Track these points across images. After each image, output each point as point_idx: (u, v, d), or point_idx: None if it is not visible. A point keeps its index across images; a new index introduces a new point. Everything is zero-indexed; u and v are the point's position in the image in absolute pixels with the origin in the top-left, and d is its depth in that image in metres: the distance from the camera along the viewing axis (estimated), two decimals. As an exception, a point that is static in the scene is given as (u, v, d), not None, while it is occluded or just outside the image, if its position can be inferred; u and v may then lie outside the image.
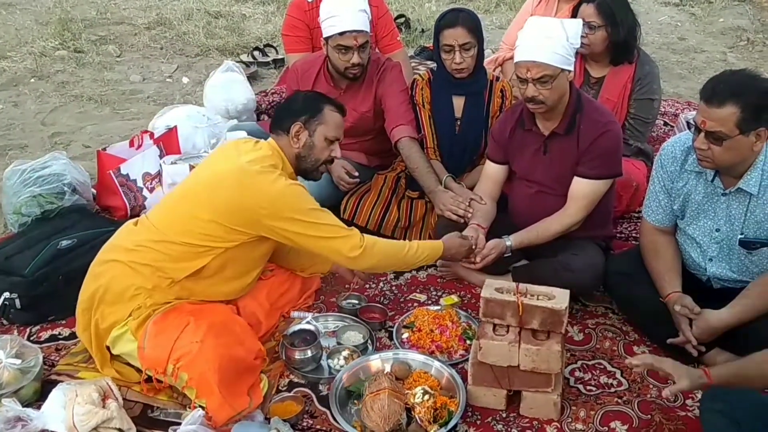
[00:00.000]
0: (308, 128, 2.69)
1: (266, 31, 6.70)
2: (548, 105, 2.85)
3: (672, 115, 4.87)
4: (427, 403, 2.42)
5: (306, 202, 2.60)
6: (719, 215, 2.61)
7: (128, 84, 5.62)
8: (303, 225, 2.56)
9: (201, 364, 2.40)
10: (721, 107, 2.34)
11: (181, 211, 2.62)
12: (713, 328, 2.54)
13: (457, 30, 3.25)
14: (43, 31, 6.59)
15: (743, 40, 6.55)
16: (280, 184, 2.54)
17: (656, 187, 2.76)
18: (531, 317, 2.42)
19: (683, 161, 2.66)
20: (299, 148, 2.69)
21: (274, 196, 2.53)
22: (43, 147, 4.52)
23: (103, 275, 2.59)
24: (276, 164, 2.63)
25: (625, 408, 2.55)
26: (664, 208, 2.75)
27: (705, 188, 2.62)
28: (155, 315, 2.52)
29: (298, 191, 2.59)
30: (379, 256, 2.68)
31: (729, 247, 2.63)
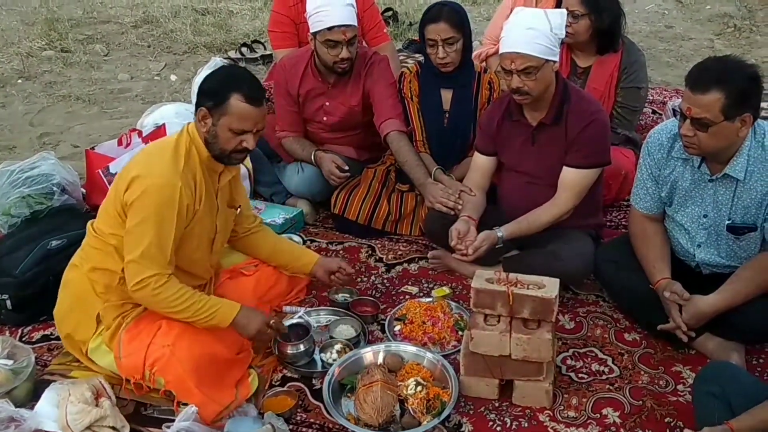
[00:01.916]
0: (212, 116, 2.46)
1: (254, 27, 6.69)
2: (533, 96, 2.85)
3: (660, 103, 4.88)
4: (419, 394, 2.43)
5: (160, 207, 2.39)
6: (706, 201, 2.62)
7: (116, 83, 5.61)
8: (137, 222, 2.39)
9: (175, 366, 2.39)
10: (706, 94, 2.35)
11: (105, 204, 2.57)
12: (703, 314, 2.56)
13: (440, 25, 3.25)
14: (29, 31, 6.57)
15: (730, 27, 6.57)
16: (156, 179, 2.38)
17: (644, 175, 2.77)
18: (521, 307, 2.43)
19: (670, 148, 2.67)
20: (206, 133, 2.49)
21: (144, 188, 2.37)
22: (31, 147, 4.51)
23: (68, 283, 2.62)
24: (178, 147, 2.48)
25: (617, 395, 2.56)
26: (652, 195, 2.76)
27: (692, 175, 2.63)
28: (127, 324, 2.51)
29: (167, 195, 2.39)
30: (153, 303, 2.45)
31: (717, 233, 2.64)
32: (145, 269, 2.40)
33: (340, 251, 3.48)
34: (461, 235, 2.93)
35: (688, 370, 2.66)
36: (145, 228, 2.39)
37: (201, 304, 2.47)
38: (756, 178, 2.50)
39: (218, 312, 2.49)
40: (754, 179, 2.50)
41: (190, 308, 2.45)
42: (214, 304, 2.50)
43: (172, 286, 2.44)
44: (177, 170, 2.44)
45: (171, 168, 2.44)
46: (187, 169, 2.48)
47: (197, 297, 2.48)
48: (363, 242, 3.54)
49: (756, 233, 2.59)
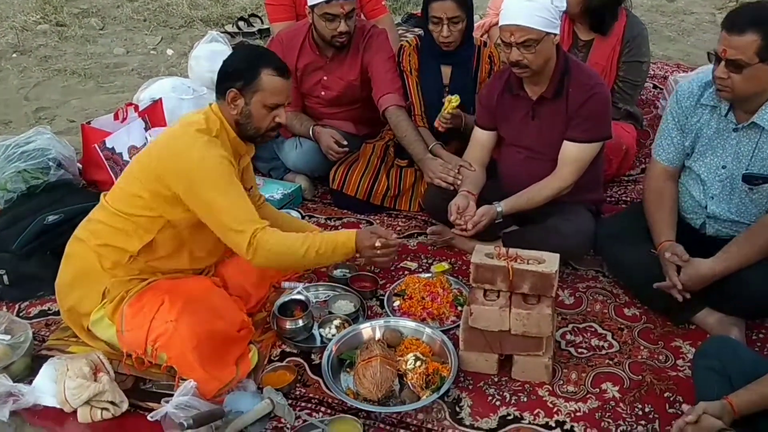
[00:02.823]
0: (244, 95, 2.48)
1: (251, 1, 6.62)
2: (533, 69, 2.82)
3: (661, 78, 4.83)
4: (419, 369, 2.43)
5: (221, 177, 2.41)
6: (727, 151, 2.62)
7: (112, 57, 5.56)
8: (209, 201, 2.41)
9: (177, 343, 2.39)
10: (742, 35, 2.34)
11: (125, 184, 2.56)
12: (701, 276, 2.55)
13: (447, 3, 3.20)
14: (24, 5, 6.49)
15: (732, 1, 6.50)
16: (200, 151, 2.40)
17: (669, 125, 2.75)
18: (521, 282, 2.42)
19: (699, 96, 2.66)
20: (237, 114, 2.51)
21: (191, 161, 2.39)
22: (27, 122, 4.48)
23: (72, 256, 2.59)
24: (210, 129, 2.48)
25: (616, 369, 2.56)
26: (675, 145, 2.75)
27: (717, 123, 2.63)
28: (130, 297, 2.50)
29: (217, 163, 2.41)
30: (270, 256, 2.44)
31: (731, 186, 2.64)
32: (243, 234, 2.39)
33: (339, 227, 3.46)
34: (460, 210, 2.92)
35: (688, 345, 2.65)
36: (220, 198, 2.40)
37: (318, 242, 2.47)
38: None
39: (339, 245, 2.50)
40: None
41: (310, 248, 2.44)
42: (331, 239, 2.51)
43: (276, 233, 2.44)
44: (216, 143, 2.46)
45: (210, 142, 2.45)
46: (223, 146, 2.49)
47: (312, 236, 2.49)
48: (362, 218, 3.52)
49: None
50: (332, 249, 2.49)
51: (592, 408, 2.41)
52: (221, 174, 2.42)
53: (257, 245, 2.40)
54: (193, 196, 2.42)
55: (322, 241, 2.49)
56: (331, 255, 2.50)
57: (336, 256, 2.53)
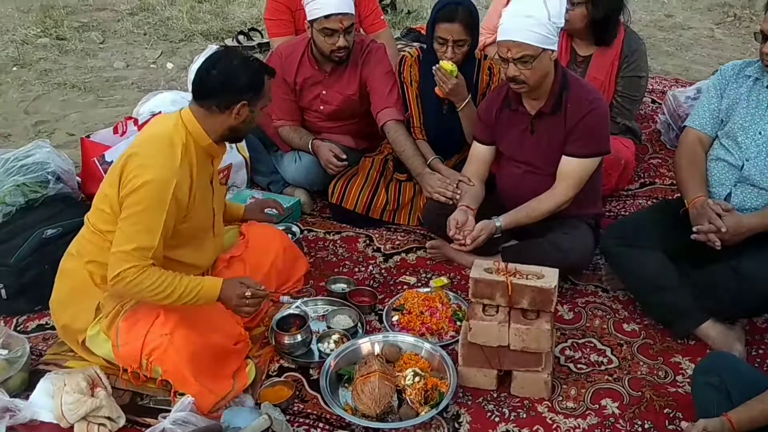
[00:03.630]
0: (251, 106, 2.50)
1: (251, 15, 6.64)
2: (530, 85, 2.82)
3: (660, 93, 4.85)
4: (417, 385, 2.42)
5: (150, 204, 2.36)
6: (766, 119, 2.68)
7: (112, 71, 5.57)
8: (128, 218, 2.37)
9: (172, 356, 2.38)
10: None
11: (98, 200, 2.54)
12: (742, 225, 2.60)
13: (454, 26, 3.19)
14: (24, 18, 6.51)
15: (730, 16, 6.54)
16: (152, 173, 2.35)
17: (710, 93, 2.85)
18: (520, 297, 2.41)
19: (742, 69, 2.79)
20: (238, 123, 2.50)
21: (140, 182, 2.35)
22: (26, 135, 4.48)
23: (65, 273, 2.60)
24: (173, 142, 2.44)
25: (616, 385, 2.55)
26: (711, 112, 2.83)
27: (758, 95, 2.72)
28: (125, 312, 2.49)
29: (158, 190, 2.36)
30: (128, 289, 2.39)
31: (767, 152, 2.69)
32: (121, 264, 2.36)
33: (338, 240, 3.45)
34: (459, 224, 2.91)
35: (688, 360, 2.65)
36: (132, 223, 2.37)
37: (182, 287, 2.42)
38: None
39: (203, 291, 2.46)
40: None
41: (173, 293, 2.40)
42: (196, 285, 2.45)
43: (150, 276, 2.37)
44: (174, 166, 2.41)
45: (167, 165, 2.40)
46: (185, 163, 2.45)
47: (177, 281, 2.42)
48: (361, 232, 3.52)
49: None
50: (196, 293, 2.44)
51: (591, 424, 2.40)
52: (155, 202, 2.37)
53: (124, 278, 2.35)
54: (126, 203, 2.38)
55: (187, 285, 2.43)
56: (194, 299, 2.45)
57: (199, 300, 2.47)
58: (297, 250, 3.14)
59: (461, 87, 3.27)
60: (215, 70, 2.46)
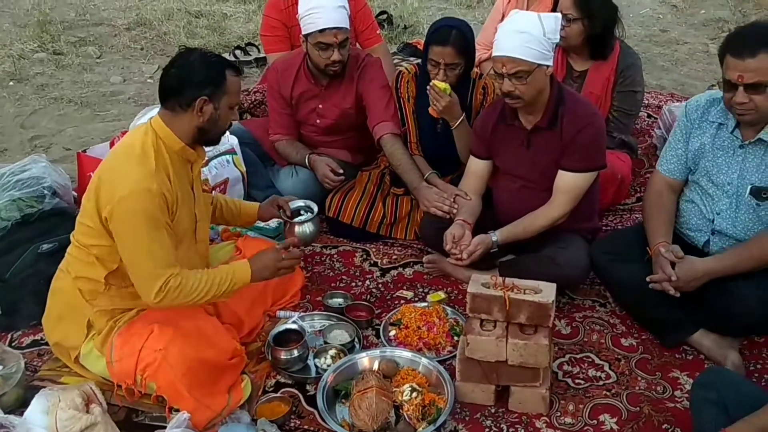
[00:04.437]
0: (213, 101, 2.41)
1: (248, 30, 6.65)
2: (525, 100, 2.83)
3: (655, 107, 4.85)
4: (415, 400, 2.41)
5: (144, 218, 2.33)
6: (733, 168, 2.62)
7: (108, 85, 5.57)
8: (128, 238, 2.35)
9: (167, 371, 2.36)
10: (755, 56, 2.37)
11: (80, 215, 2.52)
12: (696, 272, 2.55)
13: (447, 49, 3.18)
14: (21, 33, 6.51)
15: (725, 31, 6.55)
16: (129, 185, 2.31)
17: (676, 137, 2.78)
18: (518, 311, 2.41)
19: (705, 111, 2.69)
20: (203, 121, 2.43)
21: (118, 195, 2.31)
22: (22, 150, 4.47)
23: (56, 290, 2.59)
24: (145, 152, 2.39)
25: (614, 401, 2.54)
26: (679, 158, 2.77)
27: (722, 141, 2.65)
28: (119, 327, 2.48)
29: (143, 200, 2.32)
30: (175, 300, 2.40)
31: (738, 202, 2.64)
32: (157, 279, 2.36)
33: (335, 255, 3.45)
34: (456, 239, 2.91)
35: (686, 375, 2.64)
36: (138, 241, 2.35)
37: (219, 278, 2.47)
38: None
39: (236, 276, 2.51)
40: None
41: (212, 288, 2.45)
42: (228, 272, 2.51)
43: (188, 279, 2.42)
44: (149, 173, 2.37)
45: (143, 173, 2.35)
46: (159, 168, 2.41)
47: (212, 275, 2.48)
48: (358, 246, 3.51)
49: None
50: (230, 279, 2.49)
51: (589, 440, 2.39)
52: (145, 215, 2.33)
53: (168, 291, 2.37)
54: (115, 229, 2.36)
55: (222, 275, 2.49)
56: (231, 286, 2.50)
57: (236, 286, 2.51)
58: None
59: (455, 105, 3.26)
60: (174, 68, 2.45)
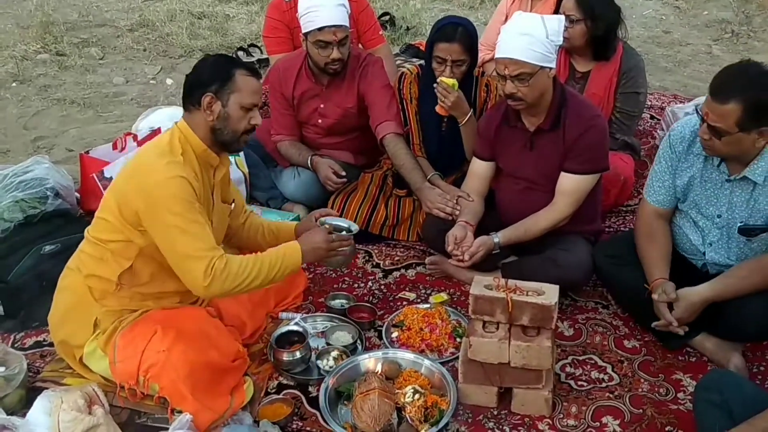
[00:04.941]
0: (220, 98, 2.44)
1: (250, 31, 6.65)
2: (528, 102, 2.82)
3: (658, 109, 4.86)
4: (417, 402, 2.40)
5: (181, 202, 2.35)
6: (722, 201, 2.60)
7: (111, 86, 5.57)
8: (166, 226, 2.35)
9: (170, 372, 2.36)
10: (724, 104, 2.33)
11: (99, 211, 2.53)
12: (693, 305, 2.54)
13: (453, 46, 3.19)
14: (24, 34, 6.51)
15: (728, 32, 6.56)
16: (161, 173, 2.35)
17: (662, 167, 2.73)
18: (521, 313, 2.40)
19: (691, 143, 2.65)
20: (213, 120, 2.45)
21: (151, 183, 2.35)
22: (25, 151, 4.47)
23: (64, 288, 2.59)
24: (173, 150, 2.43)
25: (617, 403, 2.54)
26: (667, 189, 2.73)
27: (710, 173, 2.61)
28: (123, 328, 2.48)
29: (177, 186, 2.35)
30: (225, 284, 2.38)
31: (729, 234, 2.62)
32: (201, 261, 2.34)
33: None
34: (458, 240, 2.91)
35: (689, 377, 2.63)
36: (176, 226, 2.34)
37: (269, 261, 2.46)
38: None
39: (287, 258, 2.49)
40: None
41: (262, 271, 2.43)
42: (278, 255, 2.49)
43: (234, 261, 2.41)
44: (180, 165, 2.41)
45: (173, 164, 2.39)
46: (187, 164, 2.44)
47: (260, 258, 2.46)
48: (360, 247, 3.49)
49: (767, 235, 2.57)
50: (281, 263, 2.48)
51: (592, 442, 2.38)
52: (181, 199, 2.36)
53: (215, 273, 2.35)
54: (151, 218, 2.37)
55: (271, 258, 2.48)
56: (282, 270, 2.48)
57: (287, 270, 2.50)
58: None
59: (463, 101, 3.27)
60: (191, 71, 2.52)
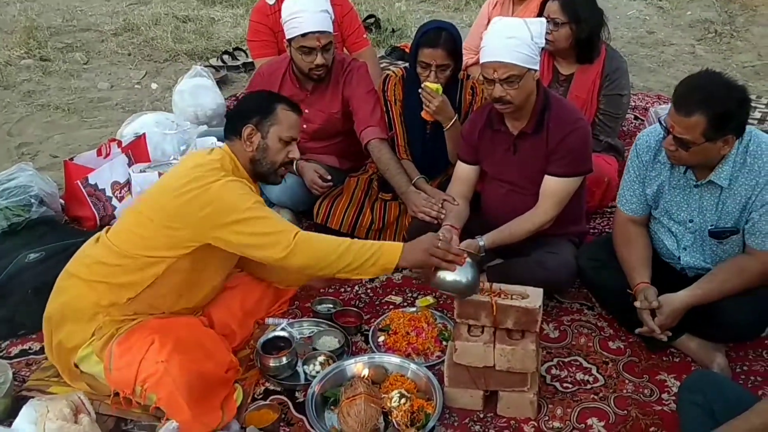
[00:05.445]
0: (261, 130, 2.56)
1: (236, 35, 6.65)
2: (516, 105, 2.84)
3: (642, 109, 4.90)
4: (403, 406, 2.41)
5: (250, 197, 2.46)
6: (692, 206, 2.63)
7: (96, 91, 5.55)
8: (244, 224, 2.41)
9: (168, 384, 2.35)
10: (689, 117, 2.35)
11: (132, 224, 2.55)
12: (675, 311, 2.55)
13: (437, 51, 3.21)
14: (8, 39, 6.49)
15: (711, 32, 6.61)
16: (219, 185, 2.42)
17: (631, 176, 2.76)
18: (505, 317, 2.41)
19: (657, 151, 2.67)
20: (253, 151, 2.57)
21: (213, 197, 2.41)
22: (9, 158, 4.45)
23: (65, 292, 2.56)
24: (224, 167, 2.52)
25: (602, 404, 2.55)
26: (638, 197, 2.75)
27: (678, 180, 2.64)
28: (119, 335, 2.47)
29: (237, 188, 2.45)
30: (309, 252, 2.42)
31: (702, 238, 2.65)
32: (286, 234, 2.40)
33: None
34: None
35: (673, 378, 2.65)
36: (252, 217, 2.41)
37: (360, 248, 2.43)
38: (740, 183, 2.51)
39: (383, 251, 2.44)
40: (738, 184, 2.51)
41: (348, 255, 2.41)
42: (373, 246, 2.45)
43: (317, 236, 2.49)
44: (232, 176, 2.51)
45: (228, 176, 2.48)
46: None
47: (351, 242, 2.46)
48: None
49: (738, 236, 2.60)
50: (371, 255, 2.42)
51: (578, 444, 2.40)
52: (249, 194, 2.47)
53: (297, 242, 2.39)
54: (219, 221, 2.41)
55: (362, 246, 2.45)
56: (370, 263, 2.42)
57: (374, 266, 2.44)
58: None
59: (447, 106, 3.28)
60: (236, 103, 2.59)
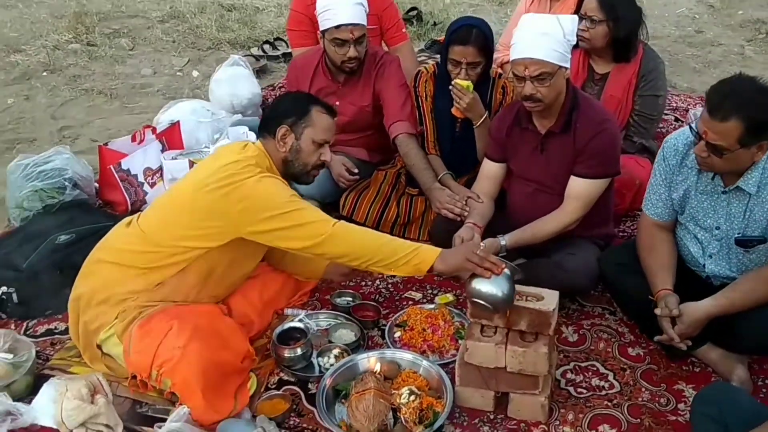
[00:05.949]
0: (294, 131, 2.61)
1: (278, 24, 6.68)
2: (546, 103, 2.80)
3: (683, 111, 4.79)
4: (413, 404, 2.40)
5: (282, 195, 2.50)
6: (719, 213, 2.56)
7: (139, 77, 5.65)
8: (280, 219, 2.46)
9: (184, 370, 2.38)
10: (724, 122, 2.28)
11: (165, 214, 2.60)
12: (697, 321, 2.49)
13: (468, 49, 3.19)
14: (57, 24, 6.63)
15: (762, 33, 6.41)
16: (254, 181, 2.47)
17: (658, 180, 2.70)
18: (519, 318, 2.39)
19: (684, 155, 2.61)
20: (286, 152, 2.62)
21: (248, 193, 2.46)
22: (51, 141, 4.56)
23: (93, 275, 2.61)
24: (260, 164, 2.56)
25: (615, 411, 2.51)
26: (664, 201, 2.70)
27: (705, 186, 2.57)
28: (140, 318, 2.51)
29: (273, 184, 2.50)
30: (347, 237, 2.49)
31: (728, 246, 2.58)
32: (322, 224, 2.48)
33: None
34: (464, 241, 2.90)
35: (691, 388, 2.60)
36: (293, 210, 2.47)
37: (396, 245, 2.50)
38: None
39: (420, 250, 2.48)
40: (767, 192, 2.44)
41: (383, 249, 2.47)
42: (411, 244, 2.51)
43: (355, 227, 2.57)
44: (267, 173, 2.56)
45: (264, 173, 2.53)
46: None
47: (389, 238, 2.57)
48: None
49: (766, 246, 2.52)
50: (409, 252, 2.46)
51: (587, 450, 2.37)
52: (285, 188, 2.53)
53: (336, 230, 2.46)
54: (259, 216, 2.46)
55: (401, 243, 2.52)
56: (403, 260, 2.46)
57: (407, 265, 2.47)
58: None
59: (478, 102, 3.26)
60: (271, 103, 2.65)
